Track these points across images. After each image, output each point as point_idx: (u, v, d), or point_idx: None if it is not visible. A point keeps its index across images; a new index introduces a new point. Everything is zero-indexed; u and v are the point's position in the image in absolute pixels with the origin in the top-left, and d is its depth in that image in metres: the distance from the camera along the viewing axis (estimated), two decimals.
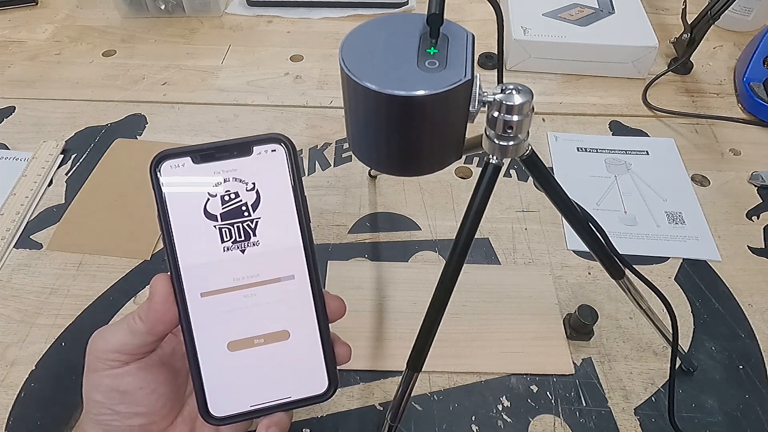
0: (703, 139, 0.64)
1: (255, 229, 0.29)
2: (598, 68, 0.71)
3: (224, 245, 0.28)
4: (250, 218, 0.28)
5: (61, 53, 0.76)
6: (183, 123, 0.65)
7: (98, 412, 0.28)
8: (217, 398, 0.29)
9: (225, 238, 0.28)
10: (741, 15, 0.78)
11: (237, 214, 0.28)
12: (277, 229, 0.29)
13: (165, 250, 0.28)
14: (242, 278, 0.29)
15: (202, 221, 0.28)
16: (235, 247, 0.28)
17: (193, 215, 0.28)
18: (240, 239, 0.28)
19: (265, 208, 0.29)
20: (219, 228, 0.28)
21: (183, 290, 0.28)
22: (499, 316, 0.47)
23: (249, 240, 0.28)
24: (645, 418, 0.42)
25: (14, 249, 0.52)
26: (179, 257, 0.28)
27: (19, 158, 0.60)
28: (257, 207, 0.29)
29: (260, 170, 0.29)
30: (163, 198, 0.28)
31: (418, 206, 0.56)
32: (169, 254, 0.28)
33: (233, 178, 0.28)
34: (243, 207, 0.28)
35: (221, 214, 0.28)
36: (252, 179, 0.29)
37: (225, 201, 0.28)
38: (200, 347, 0.28)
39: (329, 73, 0.73)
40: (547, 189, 0.35)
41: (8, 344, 0.46)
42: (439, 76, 0.29)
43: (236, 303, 0.29)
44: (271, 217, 0.29)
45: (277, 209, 0.29)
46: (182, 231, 0.28)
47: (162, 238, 0.28)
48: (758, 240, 0.53)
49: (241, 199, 0.28)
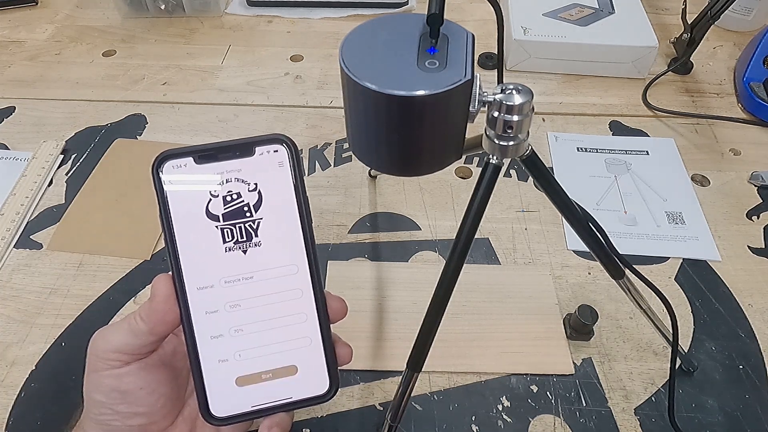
0: (703, 139, 0.64)
1: (257, 230, 0.29)
2: (598, 68, 0.71)
3: (226, 245, 0.28)
4: (251, 219, 0.28)
5: (61, 53, 0.76)
6: (183, 123, 0.65)
7: (99, 412, 0.28)
8: (219, 398, 0.29)
9: (227, 239, 0.28)
10: (741, 15, 0.78)
11: (239, 214, 0.28)
12: (279, 229, 0.29)
13: (167, 249, 0.28)
14: (244, 278, 0.29)
15: (204, 222, 0.28)
16: (237, 248, 0.28)
17: (194, 215, 0.28)
18: (242, 240, 0.28)
19: (267, 209, 0.29)
20: (221, 228, 0.28)
21: (185, 290, 0.28)
22: (499, 316, 0.47)
23: (251, 240, 0.28)
24: (645, 418, 0.42)
25: (14, 249, 0.52)
26: (181, 257, 0.28)
27: (19, 158, 0.60)
28: (259, 208, 0.29)
29: (262, 171, 0.29)
30: (165, 198, 0.28)
31: (418, 206, 0.56)
32: (170, 254, 0.28)
33: (235, 178, 0.28)
34: (245, 208, 0.28)
35: (223, 215, 0.28)
36: (254, 180, 0.29)
37: (227, 201, 0.28)
38: (201, 347, 0.28)
39: (329, 73, 0.73)
40: (547, 189, 0.35)
41: (8, 344, 0.46)
42: (439, 76, 0.29)
43: (238, 302, 0.29)
44: (273, 218, 0.29)
45: (279, 210, 0.29)
46: (184, 231, 0.28)
47: (164, 238, 0.28)
48: (758, 240, 0.53)
49: (243, 199, 0.28)
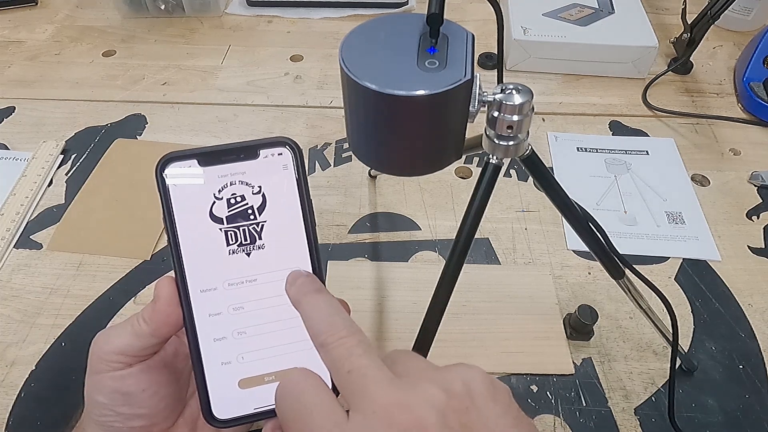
0: (703, 139, 0.64)
1: (261, 233, 0.28)
2: (598, 68, 0.71)
3: (230, 248, 0.28)
4: (255, 222, 0.28)
5: (61, 53, 0.76)
6: (183, 123, 0.65)
7: (100, 414, 0.28)
8: (221, 400, 0.29)
9: (230, 241, 0.28)
10: (741, 15, 0.78)
11: (243, 217, 0.28)
12: (283, 233, 0.29)
13: (170, 251, 0.28)
14: (247, 281, 0.29)
15: (208, 224, 0.28)
16: (241, 250, 0.28)
17: (198, 218, 0.28)
18: (245, 242, 0.28)
19: (271, 212, 0.29)
20: (224, 231, 0.28)
21: (188, 292, 0.28)
22: (499, 316, 0.47)
23: (254, 243, 0.28)
24: (645, 418, 0.42)
25: (14, 249, 0.52)
26: (184, 259, 0.28)
27: (19, 158, 0.60)
28: (263, 210, 0.29)
29: (266, 174, 0.28)
30: (168, 200, 0.28)
31: (418, 206, 0.56)
32: (174, 256, 0.28)
33: (239, 181, 0.28)
34: (249, 210, 0.28)
35: (227, 217, 0.28)
36: (258, 182, 0.28)
37: (231, 204, 0.28)
38: (204, 350, 0.28)
39: (329, 73, 0.73)
40: (547, 189, 0.35)
41: (8, 344, 0.46)
42: (439, 76, 0.29)
43: (241, 305, 0.29)
44: (277, 221, 0.29)
45: (283, 213, 0.29)
46: (188, 233, 0.28)
47: (167, 239, 0.28)
48: (758, 240, 0.53)
49: (247, 202, 0.28)
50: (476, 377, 0.24)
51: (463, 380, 0.23)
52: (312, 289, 0.27)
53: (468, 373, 0.24)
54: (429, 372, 0.24)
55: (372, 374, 0.23)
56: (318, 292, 0.27)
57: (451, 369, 0.24)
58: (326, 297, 0.27)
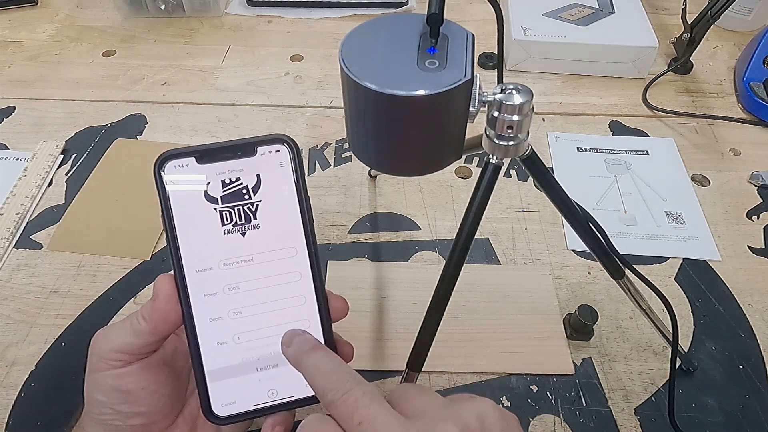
0: (703, 139, 0.64)
1: (255, 213, 0.29)
2: (598, 68, 0.71)
3: (224, 228, 0.29)
4: (250, 201, 0.29)
5: (61, 53, 0.76)
6: (183, 123, 0.65)
7: (100, 412, 0.28)
8: (221, 398, 0.29)
9: (225, 221, 0.29)
10: (741, 15, 0.78)
11: (238, 197, 0.28)
12: (281, 231, 0.29)
13: (169, 250, 0.28)
14: (246, 281, 0.29)
15: (203, 204, 0.28)
16: (236, 230, 0.29)
17: (197, 216, 0.28)
18: (240, 222, 0.29)
19: (269, 210, 0.29)
20: (219, 210, 0.28)
21: (187, 290, 0.28)
22: (499, 316, 0.47)
23: (249, 223, 0.29)
24: (645, 418, 0.42)
25: (14, 249, 0.52)
26: (183, 257, 0.28)
27: (19, 158, 0.60)
28: (258, 191, 0.29)
29: (264, 171, 0.29)
30: (167, 198, 0.28)
31: (418, 206, 0.56)
32: (173, 254, 0.28)
33: (237, 178, 0.28)
34: (244, 190, 0.29)
35: (222, 197, 0.28)
36: (256, 180, 0.29)
37: (225, 184, 0.28)
38: (203, 347, 0.28)
39: (329, 73, 0.73)
40: (547, 189, 0.35)
41: (8, 344, 0.46)
42: (439, 76, 0.29)
43: (236, 284, 0.29)
44: (275, 220, 0.29)
45: (281, 211, 0.29)
46: (186, 231, 0.28)
47: (166, 238, 0.28)
48: (758, 240, 0.53)
49: (242, 182, 0.29)
50: (489, 412, 0.24)
51: (477, 415, 0.24)
52: (309, 348, 0.28)
53: (481, 408, 0.24)
54: (441, 410, 0.24)
55: (382, 421, 0.23)
56: (315, 349, 0.28)
57: (462, 404, 0.25)
58: (325, 353, 0.27)
